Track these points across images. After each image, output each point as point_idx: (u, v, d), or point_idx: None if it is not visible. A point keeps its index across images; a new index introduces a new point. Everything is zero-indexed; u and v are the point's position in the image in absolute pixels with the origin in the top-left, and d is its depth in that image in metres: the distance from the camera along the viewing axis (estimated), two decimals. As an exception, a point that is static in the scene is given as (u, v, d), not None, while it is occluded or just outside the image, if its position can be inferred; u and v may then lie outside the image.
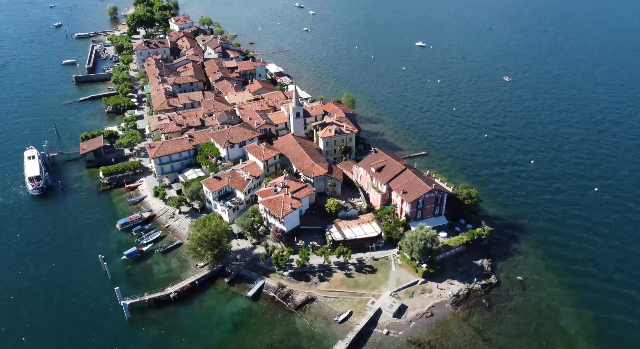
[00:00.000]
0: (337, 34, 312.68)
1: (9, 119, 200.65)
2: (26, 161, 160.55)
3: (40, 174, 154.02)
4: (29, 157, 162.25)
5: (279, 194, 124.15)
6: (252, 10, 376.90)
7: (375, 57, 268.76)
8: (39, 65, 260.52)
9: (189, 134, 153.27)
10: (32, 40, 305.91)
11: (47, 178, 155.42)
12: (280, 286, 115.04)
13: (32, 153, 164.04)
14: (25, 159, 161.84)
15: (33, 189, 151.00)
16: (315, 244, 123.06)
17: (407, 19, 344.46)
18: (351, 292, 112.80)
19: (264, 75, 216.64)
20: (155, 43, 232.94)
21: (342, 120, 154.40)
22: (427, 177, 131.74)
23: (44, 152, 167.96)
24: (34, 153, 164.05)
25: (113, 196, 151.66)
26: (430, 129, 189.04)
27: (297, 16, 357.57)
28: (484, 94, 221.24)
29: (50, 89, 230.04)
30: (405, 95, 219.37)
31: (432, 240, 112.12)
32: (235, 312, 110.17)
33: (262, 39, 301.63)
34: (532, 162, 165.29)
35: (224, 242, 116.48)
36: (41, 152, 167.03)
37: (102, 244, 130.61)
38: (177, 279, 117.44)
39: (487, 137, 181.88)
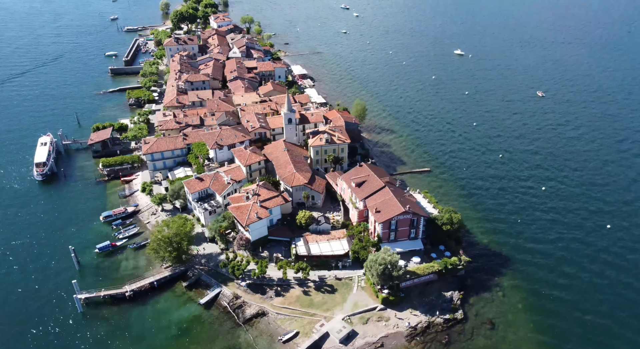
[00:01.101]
0: (375, 37, 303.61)
1: (38, 106, 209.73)
2: (38, 147, 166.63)
3: (46, 161, 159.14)
4: (41, 143, 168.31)
5: (248, 202, 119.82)
6: (296, 10, 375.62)
7: (407, 64, 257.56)
8: (85, 56, 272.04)
9: (183, 133, 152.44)
10: (89, 32, 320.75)
11: (52, 165, 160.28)
12: (235, 296, 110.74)
13: (45, 140, 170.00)
14: (38, 145, 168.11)
15: (37, 174, 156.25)
16: (279, 257, 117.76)
17: (452, 26, 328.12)
18: (303, 311, 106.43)
19: (283, 77, 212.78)
20: (184, 40, 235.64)
21: (337, 129, 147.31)
22: (406, 197, 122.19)
23: (56, 139, 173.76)
24: (47, 140, 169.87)
25: (109, 188, 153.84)
26: (443, 144, 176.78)
27: (340, 18, 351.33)
28: (512, 108, 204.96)
29: (87, 79, 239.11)
30: (426, 105, 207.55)
31: (392, 265, 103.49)
32: (184, 318, 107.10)
33: (298, 40, 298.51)
34: (544, 188, 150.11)
35: (183, 245, 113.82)
36: (54, 140, 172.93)
37: (81, 234, 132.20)
38: (138, 277, 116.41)
39: (502, 158, 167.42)
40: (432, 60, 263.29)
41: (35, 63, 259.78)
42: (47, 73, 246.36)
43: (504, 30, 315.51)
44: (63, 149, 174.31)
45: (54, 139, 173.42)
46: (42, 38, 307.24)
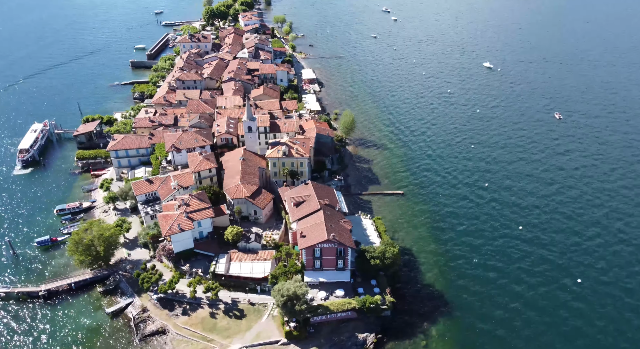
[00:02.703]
0: (404, 44, 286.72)
1: (49, 94, 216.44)
2: (27, 133, 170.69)
3: (29, 148, 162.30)
4: (32, 130, 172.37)
5: (176, 212, 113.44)
6: (335, 11, 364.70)
7: (426, 74, 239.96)
8: (118, 49, 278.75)
9: (150, 132, 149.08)
10: (131, 26, 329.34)
11: (34, 153, 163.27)
12: (143, 309, 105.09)
13: (36, 127, 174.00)
14: (28, 131, 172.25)
15: (18, 160, 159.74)
16: (198, 272, 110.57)
17: (489, 37, 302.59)
18: (203, 335, 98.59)
19: (285, 81, 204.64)
20: (198, 37, 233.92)
21: (299, 141, 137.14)
22: (341, 223, 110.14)
23: (47, 128, 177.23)
24: (38, 127, 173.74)
25: (79, 180, 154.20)
26: (429, 165, 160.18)
27: (376, 21, 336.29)
28: (522, 131, 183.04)
29: (108, 70, 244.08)
30: (429, 123, 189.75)
31: (296, 298, 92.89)
32: (86, 327, 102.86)
33: (324, 42, 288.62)
34: (520, 228, 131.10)
35: (100, 251, 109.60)
36: (46, 128, 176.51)
37: (31, 225, 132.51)
38: (57, 277, 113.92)
39: (487, 187, 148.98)
40: (456, 72, 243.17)
41: (76, 55, 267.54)
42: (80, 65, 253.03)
43: (542, 45, 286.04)
44: (55, 138, 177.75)
45: (46, 128, 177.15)
46: (85, 31, 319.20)
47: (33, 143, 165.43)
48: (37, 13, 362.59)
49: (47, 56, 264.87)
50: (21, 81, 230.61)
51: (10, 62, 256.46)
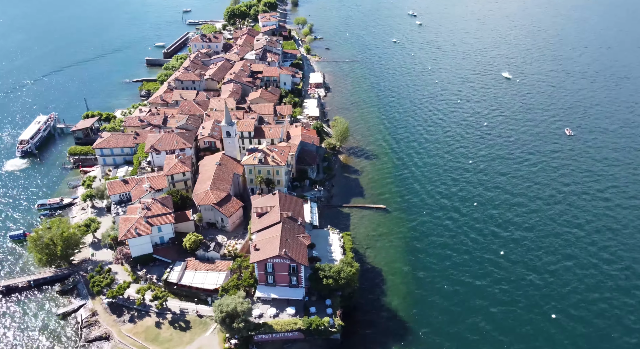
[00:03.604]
0: (423, 49, 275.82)
1: (64, 89, 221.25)
2: (30, 125, 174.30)
3: (30, 139, 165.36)
4: (36, 122, 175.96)
5: (137, 215, 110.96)
6: (360, 14, 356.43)
7: (438, 82, 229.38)
8: (140, 46, 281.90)
9: (135, 132, 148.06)
10: (159, 24, 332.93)
11: (33, 144, 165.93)
12: (93, 313, 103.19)
13: (40, 119, 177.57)
14: (31, 123, 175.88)
15: (16, 150, 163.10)
16: (152, 278, 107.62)
17: (510, 43, 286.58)
18: (143, 344, 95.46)
19: (288, 84, 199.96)
20: (210, 37, 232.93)
21: (277, 149, 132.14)
22: (300, 238, 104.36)
23: (52, 121, 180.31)
24: (42, 119, 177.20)
25: (68, 176, 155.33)
26: (420, 181, 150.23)
27: (399, 25, 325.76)
28: (526, 146, 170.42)
29: (125, 67, 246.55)
30: (429, 133, 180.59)
31: (235, 314, 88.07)
32: (33, 326, 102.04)
33: (342, 46, 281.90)
34: (502, 253, 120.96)
35: (57, 250, 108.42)
36: (50, 121, 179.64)
37: (10, 217, 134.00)
38: (18, 273, 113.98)
39: (476, 207, 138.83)
40: (472, 80, 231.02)
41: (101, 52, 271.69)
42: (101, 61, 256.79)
43: (568, 56, 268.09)
44: (57, 132, 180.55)
45: (50, 121, 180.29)
46: (113, 28, 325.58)
47: (34, 135, 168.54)
48: (72, 10, 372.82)
49: (72, 52, 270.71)
50: (39, 79, 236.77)
51: (38, 57, 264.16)
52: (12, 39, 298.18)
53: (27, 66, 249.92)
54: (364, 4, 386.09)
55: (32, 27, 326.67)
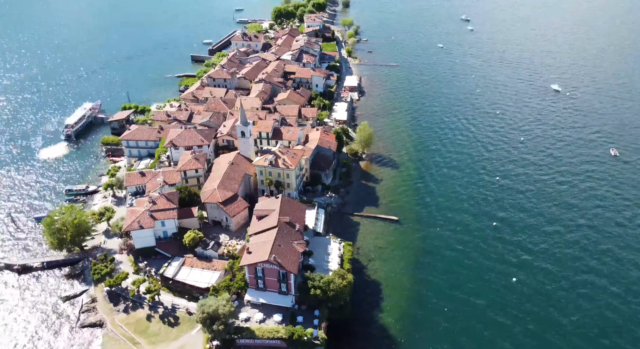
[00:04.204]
0: (469, 56, 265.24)
1: (111, 80, 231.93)
2: (76, 111, 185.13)
3: (74, 124, 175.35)
4: (82, 108, 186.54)
5: (142, 208, 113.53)
6: (411, 17, 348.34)
7: (479, 92, 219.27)
8: (188, 43, 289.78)
9: (160, 126, 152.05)
10: (211, 22, 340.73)
11: (76, 129, 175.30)
12: (93, 300, 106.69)
13: (86, 106, 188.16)
14: (77, 109, 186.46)
15: (61, 133, 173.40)
16: (151, 271, 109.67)
17: (564, 52, 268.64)
18: (132, 336, 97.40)
19: (320, 87, 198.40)
20: (250, 36, 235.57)
21: (289, 152, 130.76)
22: (294, 245, 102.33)
23: (96, 109, 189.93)
24: (88, 106, 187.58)
25: (99, 164, 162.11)
26: (440, 196, 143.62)
27: (449, 30, 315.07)
28: (567, 165, 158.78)
29: (172, 62, 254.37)
30: (461, 145, 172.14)
31: (216, 316, 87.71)
32: (37, 305, 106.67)
33: (385, 49, 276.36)
34: (514, 280, 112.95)
35: (68, 235, 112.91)
36: (95, 109, 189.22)
37: (41, 200, 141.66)
38: (36, 254, 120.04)
39: (495, 227, 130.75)
40: (518, 91, 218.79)
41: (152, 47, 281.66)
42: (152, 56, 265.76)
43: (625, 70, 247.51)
44: (97, 121, 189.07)
45: (95, 109, 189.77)
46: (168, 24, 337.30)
47: (78, 120, 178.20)
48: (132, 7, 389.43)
49: (125, 47, 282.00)
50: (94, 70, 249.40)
51: (95, 50, 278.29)
52: (77, 32, 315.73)
53: (84, 58, 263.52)
54: (417, 7, 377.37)
55: (95, 21, 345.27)
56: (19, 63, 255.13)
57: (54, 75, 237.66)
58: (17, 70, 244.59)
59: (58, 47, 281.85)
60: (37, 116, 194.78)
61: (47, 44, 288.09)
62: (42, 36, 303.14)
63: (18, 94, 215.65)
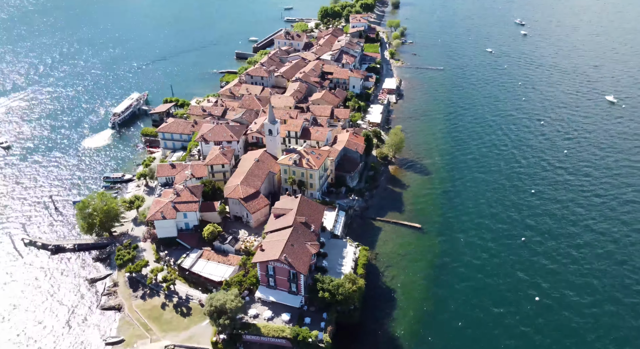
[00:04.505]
0: (519, 62, 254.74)
1: (159, 73, 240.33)
2: (124, 100, 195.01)
3: (121, 113, 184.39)
4: (129, 98, 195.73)
5: (167, 199, 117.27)
6: (463, 20, 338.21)
7: (525, 100, 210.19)
8: (235, 39, 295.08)
9: (195, 120, 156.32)
10: (260, 20, 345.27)
11: (122, 118, 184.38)
12: (115, 284, 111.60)
13: (133, 96, 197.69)
14: (126, 98, 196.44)
15: (110, 121, 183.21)
16: (170, 261, 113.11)
17: (622, 61, 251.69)
18: (145, 322, 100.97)
19: (357, 88, 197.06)
20: (293, 35, 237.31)
21: (314, 152, 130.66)
22: (307, 245, 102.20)
23: (143, 99, 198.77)
24: (135, 96, 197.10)
25: (138, 154, 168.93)
26: (468, 208, 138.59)
27: (501, 34, 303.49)
28: (612, 183, 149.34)
29: (218, 58, 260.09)
30: (497, 156, 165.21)
31: (222, 310, 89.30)
32: (65, 285, 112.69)
33: (430, 52, 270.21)
34: (537, 299, 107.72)
35: (97, 221, 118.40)
36: (141, 100, 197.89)
37: (82, 185, 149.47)
38: (68, 236, 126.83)
39: (524, 242, 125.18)
40: (567, 101, 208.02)
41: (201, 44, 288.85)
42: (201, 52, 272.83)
43: None
44: (142, 112, 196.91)
45: (142, 99, 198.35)
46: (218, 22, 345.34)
47: (125, 109, 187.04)
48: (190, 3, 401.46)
49: (178, 42, 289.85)
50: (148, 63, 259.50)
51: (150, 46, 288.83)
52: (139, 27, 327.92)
53: (140, 51, 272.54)
54: (469, 10, 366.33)
55: (156, 17, 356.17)
56: (79, 55, 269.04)
57: (109, 67, 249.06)
58: (75, 62, 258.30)
59: (118, 40, 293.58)
60: (88, 105, 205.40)
61: (108, 37, 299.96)
62: (106, 31, 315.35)
63: (73, 84, 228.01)
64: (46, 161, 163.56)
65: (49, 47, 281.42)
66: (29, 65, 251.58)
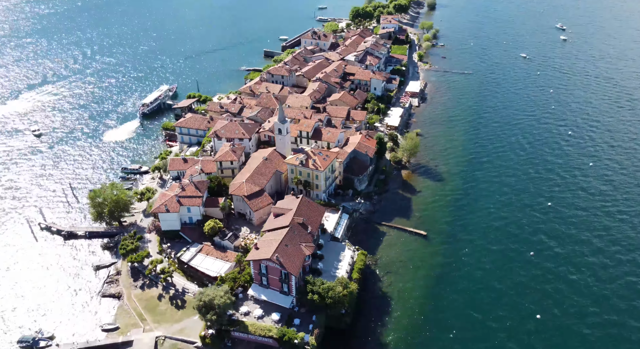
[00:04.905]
0: (554, 69, 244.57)
1: (189, 69, 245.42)
2: (153, 92, 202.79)
3: (149, 103, 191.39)
4: (159, 90, 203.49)
5: (173, 193, 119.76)
6: (497, 23, 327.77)
7: (555, 109, 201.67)
8: (267, 38, 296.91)
9: (210, 116, 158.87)
10: (293, 18, 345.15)
11: (150, 108, 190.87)
12: (118, 272, 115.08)
13: (162, 88, 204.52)
14: (155, 90, 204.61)
15: (139, 111, 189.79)
16: (171, 254, 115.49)
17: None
18: (140, 312, 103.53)
19: (379, 90, 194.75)
20: (319, 35, 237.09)
21: (321, 153, 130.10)
22: (302, 246, 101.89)
23: (171, 92, 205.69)
24: (164, 89, 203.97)
25: (158, 147, 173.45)
26: (477, 214, 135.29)
27: (539, 39, 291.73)
28: (636, 199, 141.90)
29: (247, 56, 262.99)
30: (512, 164, 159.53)
31: (210, 306, 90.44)
32: (71, 269, 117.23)
33: (460, 55, 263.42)
34: (538, 316, 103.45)
35: (106, 210, 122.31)
36: (168, 93, 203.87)
37: (98, 175, 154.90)
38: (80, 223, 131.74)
39: (532, 256, 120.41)
40: (600, 112, 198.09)
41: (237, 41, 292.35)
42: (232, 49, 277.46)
43: None
44: (166, 106, 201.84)
45: (170, 92, 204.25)
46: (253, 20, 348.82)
47: (153, 100, 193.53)
48: None
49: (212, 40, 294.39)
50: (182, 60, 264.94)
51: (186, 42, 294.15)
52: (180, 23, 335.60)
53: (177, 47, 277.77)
54: (510, 13, 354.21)
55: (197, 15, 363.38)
56: (116, 49, 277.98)
57: (143, 62, 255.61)
58: (112, 55, 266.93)
59: (157, 36, 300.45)
60: (118, 97, 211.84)
61: (147, 33, 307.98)
62: (148, 26, 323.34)
63: (108, 76, 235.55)
64: (72, 149, 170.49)
65: (90, 40, 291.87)
66: (70, 58, 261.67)
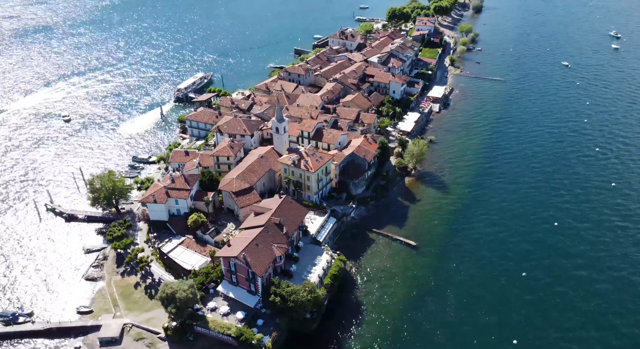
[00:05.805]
0: (597, 80, 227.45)
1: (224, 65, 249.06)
2: (190, 78, 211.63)
3: (183, 89, 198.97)
4: (194, 77, 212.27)
5: (162, 184, 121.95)
6: (546, 28, 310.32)
7: (587, 123, 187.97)
8: (301, 36, 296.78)
9: (219, 111, 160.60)
10: (332, 18, 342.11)
11: (185, 92, 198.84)
12: (105, 257, 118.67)
13: (197, 75, 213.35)
14: (191, 77, 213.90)
15: (174, 94, 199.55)
16: (156, 243, 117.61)
17: None
18: (115, 298, 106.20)
19: (398, 93, 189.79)
20: (347, 35, 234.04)
21: (316, 155, 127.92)
22: (273, 247, 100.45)
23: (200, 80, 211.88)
24: (198, 76, 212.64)
25: (172, 138, 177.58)
26: (478, 229, 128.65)
27: (588, 47, 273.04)
28: None
29: (279, 53, 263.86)
30: (526, 180, 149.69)
31: (171, 298, 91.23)
32: (62, 251, 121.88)
33: (496, 61, 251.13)
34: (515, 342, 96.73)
35: (101, 196, 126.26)
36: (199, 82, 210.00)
37: (110, 162, 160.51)
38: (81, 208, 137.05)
39: (525, 276, 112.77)
40: (635, 131, 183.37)
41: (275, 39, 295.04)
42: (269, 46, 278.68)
43: None
44: (189, 99, 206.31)
45: (205, 79, 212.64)
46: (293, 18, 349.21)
47: (189, 85, 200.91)
48: None
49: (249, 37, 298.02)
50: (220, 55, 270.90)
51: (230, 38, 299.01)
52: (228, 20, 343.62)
53: (219, 42, 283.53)
54: (560, 19, 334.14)
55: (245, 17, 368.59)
56: (157, 41, 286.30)
57: (181, 55, 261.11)
58: (153, 47, 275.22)
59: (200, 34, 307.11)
60: (150, 87, 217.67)
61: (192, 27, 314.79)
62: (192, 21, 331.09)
63: (145, 67, 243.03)
64: (95, 135, 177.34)
65: (134, 32, 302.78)
66: (114, 48, 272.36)
